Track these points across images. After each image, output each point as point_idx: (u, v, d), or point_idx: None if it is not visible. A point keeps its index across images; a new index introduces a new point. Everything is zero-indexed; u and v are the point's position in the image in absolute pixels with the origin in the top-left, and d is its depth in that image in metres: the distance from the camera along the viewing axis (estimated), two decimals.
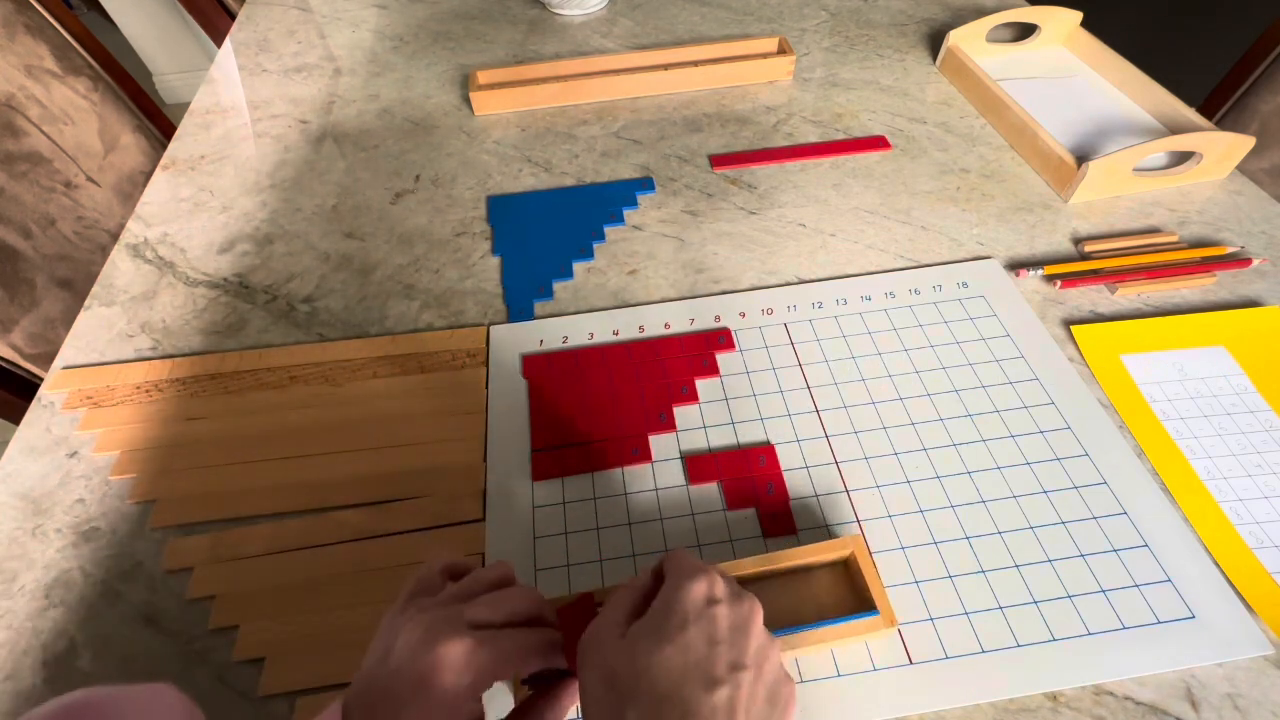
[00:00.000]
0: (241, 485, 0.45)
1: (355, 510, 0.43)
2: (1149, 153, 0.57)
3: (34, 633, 0.39)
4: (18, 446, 0.47)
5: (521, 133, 0.71)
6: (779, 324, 0.52)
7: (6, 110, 0.69)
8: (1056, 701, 0.35)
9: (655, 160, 0.67)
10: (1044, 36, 0.76)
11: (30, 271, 0.67)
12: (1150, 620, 0.37)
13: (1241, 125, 0.77)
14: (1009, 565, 0.39)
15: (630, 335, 0.52)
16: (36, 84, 0.73)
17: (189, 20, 1.81)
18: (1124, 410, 0.46)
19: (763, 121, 0.71)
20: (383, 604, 0.39)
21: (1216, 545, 0.40)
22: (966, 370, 0.49)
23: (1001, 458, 0.44)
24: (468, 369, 0.50)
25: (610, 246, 0.59)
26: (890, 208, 0.61)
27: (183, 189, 0.67)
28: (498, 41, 0.85)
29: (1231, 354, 0.49)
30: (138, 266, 0.60)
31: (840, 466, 0.44)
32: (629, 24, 0.87)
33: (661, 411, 0.47)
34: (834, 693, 0.35)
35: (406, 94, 0.77)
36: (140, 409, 0.48)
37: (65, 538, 0.43)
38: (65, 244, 0.72)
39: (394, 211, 0.63)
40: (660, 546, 0.41)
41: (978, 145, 0.67)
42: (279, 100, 0.77)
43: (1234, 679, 0.35)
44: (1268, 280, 0.53)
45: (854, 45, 0.81)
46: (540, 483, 0.44)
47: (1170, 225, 0.58)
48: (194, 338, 0.54)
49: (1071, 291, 0.53)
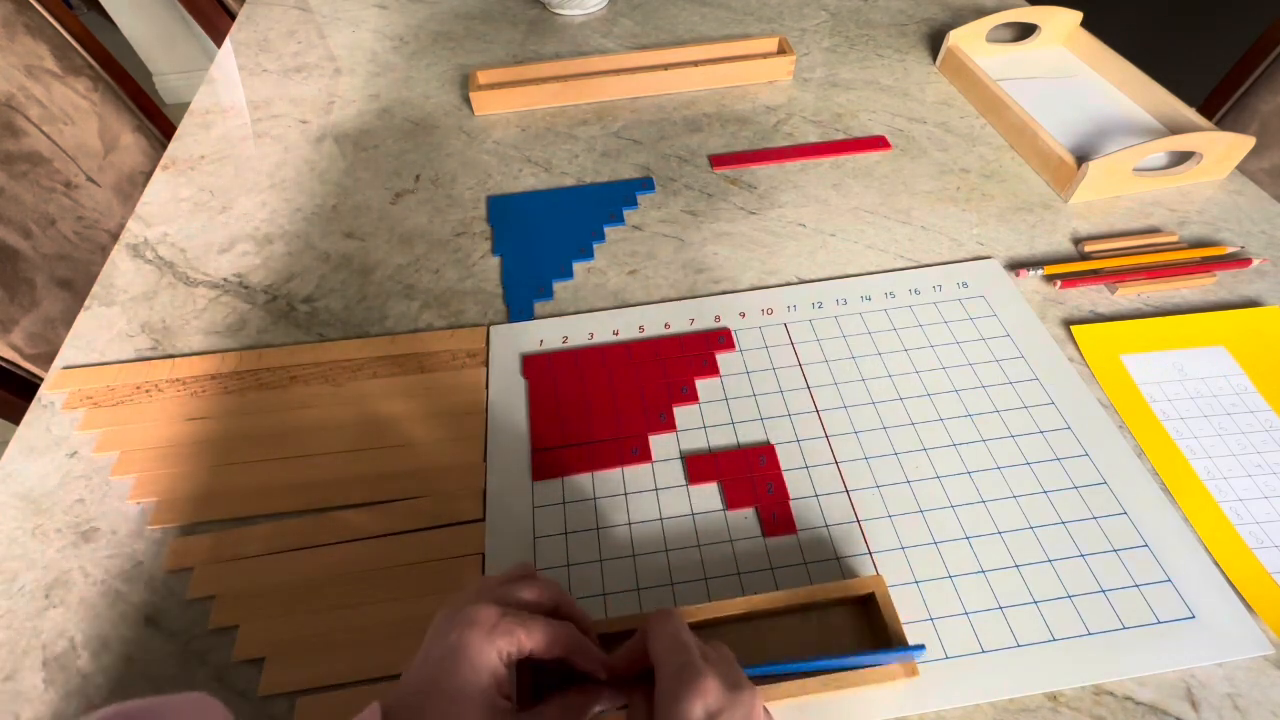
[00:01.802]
0: (241, 485, 0.45)
1: (355, 510, 0.43)
2: (1149, 153, 0.57)
3: (34, 633, 0.39)
4: (18, 446, 0.47)
5: (521, 133, 0.71)
6: (779, 324, 0.52)
7: (6, 110, 0.69)
8: (1056, 701, 0.35)
9: (655, 160, 0.67)
10: (1044, 36, 0.76)
11: (30, 271, 0.67)
12: (1150, 620, 0.37)
13: (1241, 125, 0.77)
14: (1009, 565, 0.39)
15: (630, 335, 0.52)
16: (36, 84, 0.73)
17: (189, 20, 1.81)
18: (1124, 410, 0.46)
19: (763, 121, 0.71)
20: (383, 604, 0.39)
21: (1216, 545, 0.40)
22: (966, 370, 0.49)
23: (1001, 458, 0.44)
24: (468, 369, 0.50)
25: (610, 246, 0.59)
26: (890, 208, 0.61)
27: (183, 189, 0.67)
28: (498, 41, 0.85)
29: (1231, 354, 0.49)
30: (138, 266, 0.60)
31: (840, 466, 0.44)
32: (629, 24, 0.87)
33: (661, 411, 0.47)
34: (834, 692, 0.35)
35: (406, 94, 0.77)
36: (140, 409, 0.49)
37: (65, 538, 0.43)
38: (65, 244, 0.72)
39: (394, 211, 0.64)
40: (660, 547, 0.41)
41: (978, 145, 0.67)
42: (279, 100, 0.77)
43: (1234, 679, 0.35)
44: (1268, 280, 0.53)
45: (854, 45, 0.81)
46: (540, 483, 0.44)
47: (1170, 225, 0.58)
48: (194, 338, 0.54)
49: (1071, 291, 0.53)
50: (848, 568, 0.40)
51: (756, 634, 0.37)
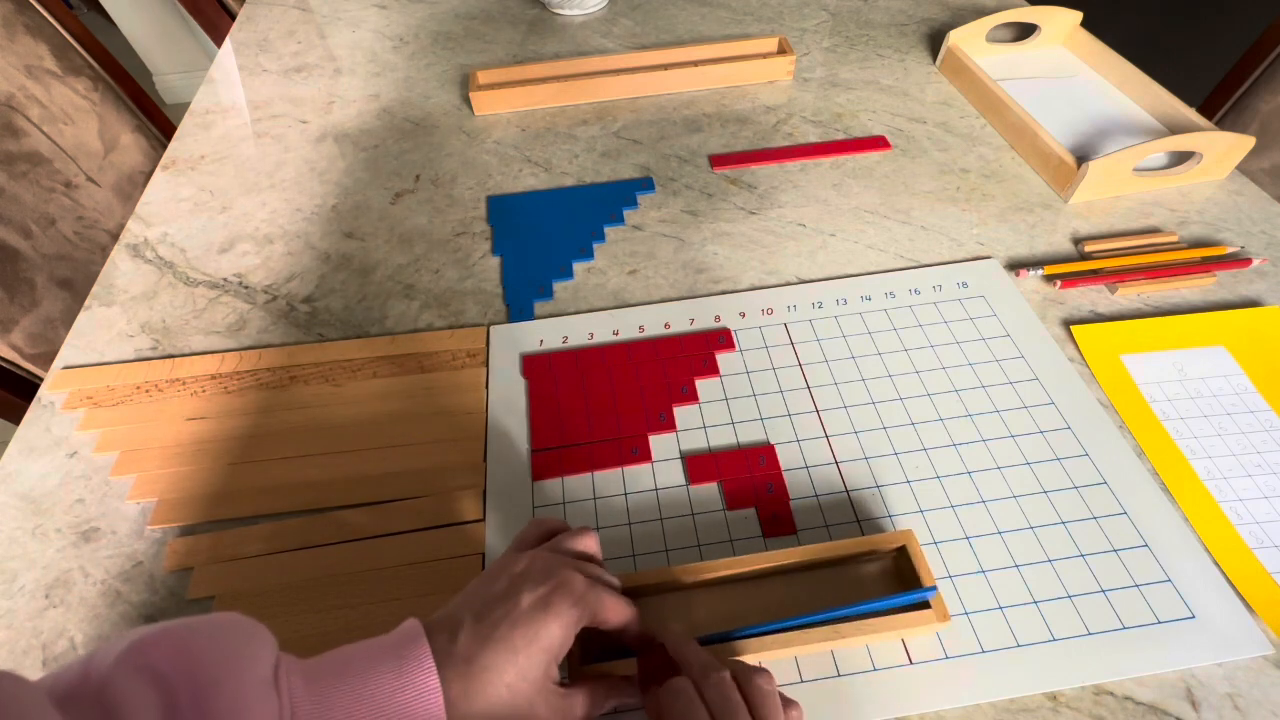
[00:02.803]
0: (241, 485, 0.45)
1: (355, 510, 0.43)
2: (1149, 153, 0.57)
3: (34, 633, 0.39)
4: (18, 446, 0.47)
5: (521, 133, 0.71)
6: (779, 324, 0.52)
7: (6, 110, 0.69)
8: (1056, 701, 0.35)
9: (655, 160, 0.67)
10: (1044, 36, 0.76)
11: (30, 271, 0.67)
12: (1150, 620, 0.37)
13: (1241, 125, 0.77)
14: (1009, 565, 0.39)
15: (630, 335, 0.52)
16: (36, 84, 0.73)
17: (189, 20, 1.81)
18: (1124, 410, 0.46)
19: (763, 121, 0.71)
20: (383, 604, 0.39)
21: (1216, 545, 0.40)
22: (966, 370, 0.49)
23: (1001, 458, 0.44)
24: (468, 369, 0.50)
25: (610, 246, 0.59)
26: (890, 208, 0.61)
27: (183, 189, 0.67)
28: (498, 41, 0.85)
29: (1231, 354, 0.49)
30: (138, 266, 0.60)
31: (840, 466, 0.44)
32: (629, 24, 0.87)
33: (661, 411, 0.47)
34: (834, 693, 0.35)
35: (406, 94, 0.77)
36: (140, 409, 0.49)
37: (65, 538, 0.43)
38: (65, 244, 0.72)
39: (394, 211, 0.64)
40: (660, 547, 0.41)
41: (978, 145, 0.67)
42: (279, 100, 0.77)
43: (1234, 679, 0.35)
44: (1268, 280, 0.53)
45: (854, 45, 0.81)
46: (540, 483, 0.44)
47: (1170, 225, 0.58)
48: (194, 338, 0.54)
49: (1071, 291, 0.53)
50: None
51: (788, 587, 0.38)
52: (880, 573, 0.39)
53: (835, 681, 0.36)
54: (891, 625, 0.35)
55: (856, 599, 0.36)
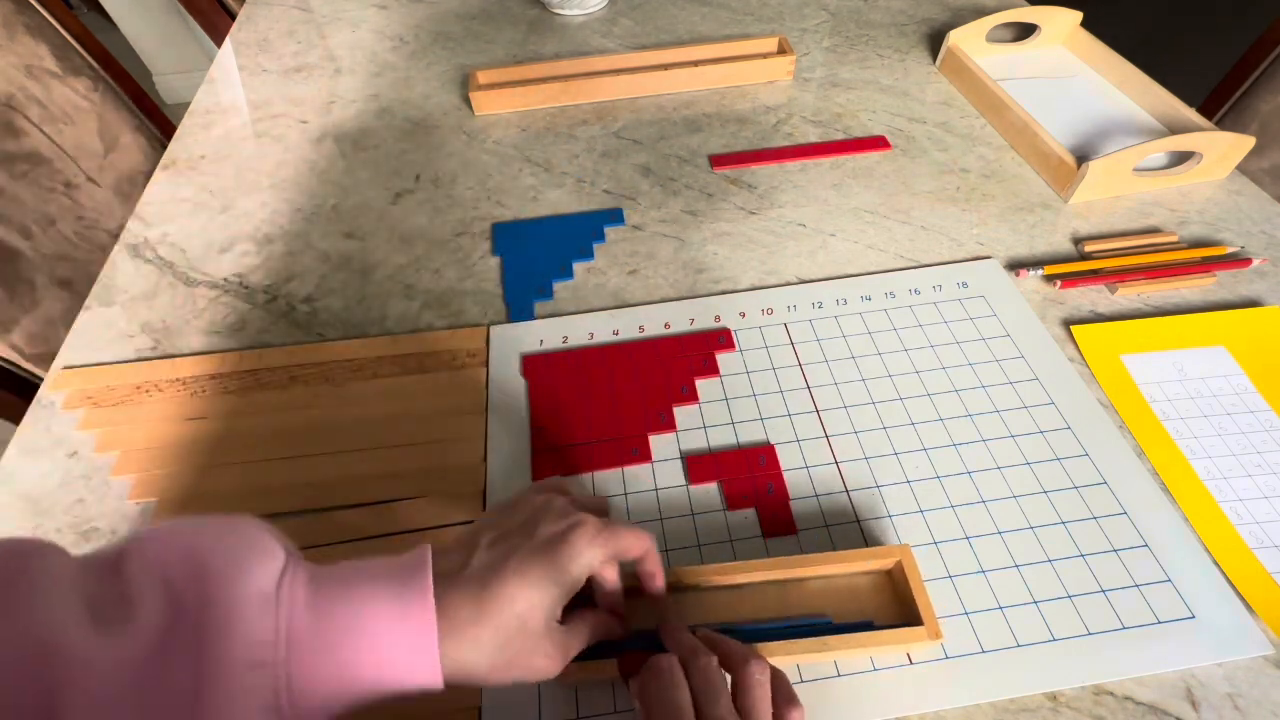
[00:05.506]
0: (241, 485, 0.45)
1: (355, 510, 0.43)
2: (1149, 153, 0.57)
3: None
4: (18, 446, 0.47)
5: (521, 133, 0.71)
6: (779, 324, 0.52)
7: (6, 110, 0.69)
8: (1056, 701, 0.35)
9: (655, 160, 0.67)
10: (1044, 36, 0.76)
11: (30, 271, 0.67)
12: (1150, 620, 0.37)
13: (1241, 125, 0.77)
14: (1009, 565, 0.39)
15: (630, 335, 0.52)
16: (36, 84, 0.73)
17: (189, 20, 1.81)
18: (1124, 410, 0.46)
19: (763, 121, 0.71)
20: None
21: (1216, 545, 0.40)
22: (966, 370, 0.49)
23: (1001, 458, 0.44)
24: (468, 369, 0.50)
25: (610, 246, 0.59)
26: (890, 208, 0.61)
27: (183, 189, 0.67)
28: (498, 41, 0.85)
29: (1231, 354, 0.49)
30: (138, 266, 0.60)
31: (840, 466, 0.44)
32: (629, 24, 0.87)
33: (661, 411, 0.47)
34: (834, 693, 0.35)
35: (406, 94, 0.77)
36: (140, 409, 0.49)
37: (65, 538, 0.43)
38: (65, 244, 0.72)
39: (394, 211, 0.64)
40: (660, 547, 0.41)
41: (978, 145, 0.67)
42: (279, 100, 0.77)
43: (1234, 679, 0.35)
44: (1268, 280, 0.53)
45: (854, 45, 0.81)
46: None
47: (1170, 225, 0.58)
48: (194, 338, 0.54)
49: (1071, 291, 0.53)
50: None
51: (780, 594, 0.38)
52: (872, 587, 0.38)
53: (835, 681, 0.36)
54: (879, 640, 0.35)
55: (851, 607, 0.37)
